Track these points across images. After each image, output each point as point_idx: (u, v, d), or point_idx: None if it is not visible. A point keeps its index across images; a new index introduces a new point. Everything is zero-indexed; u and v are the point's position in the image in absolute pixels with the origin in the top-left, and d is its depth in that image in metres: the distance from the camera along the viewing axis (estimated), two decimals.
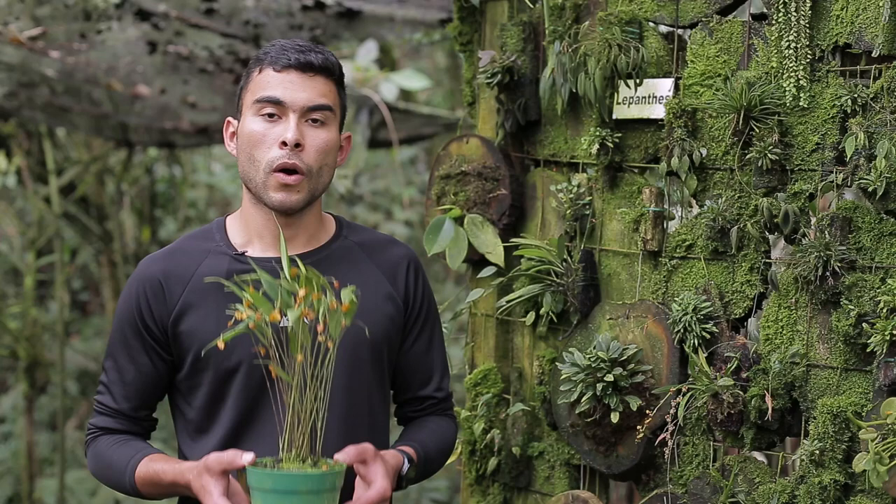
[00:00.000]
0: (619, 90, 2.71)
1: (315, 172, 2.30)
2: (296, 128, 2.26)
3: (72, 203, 7.35)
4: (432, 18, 4.65)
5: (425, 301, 2.48)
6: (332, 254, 2.36)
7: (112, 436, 2.36)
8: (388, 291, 2.40)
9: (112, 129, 5.98)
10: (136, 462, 2.29)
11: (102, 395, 2.38)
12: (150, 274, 2.35)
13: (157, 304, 2.32)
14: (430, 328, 2.49)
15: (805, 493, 2.38)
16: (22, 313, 7.19)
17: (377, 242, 2.46)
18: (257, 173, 2.29)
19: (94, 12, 4.35)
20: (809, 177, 2.48)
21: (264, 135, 2.28)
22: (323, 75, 2.30)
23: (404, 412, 2.53)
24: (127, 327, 2.35)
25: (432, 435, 2.46)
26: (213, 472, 2.12)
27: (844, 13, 2.43)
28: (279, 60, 2.28)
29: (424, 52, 8.49)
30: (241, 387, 2.30)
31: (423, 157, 8.50)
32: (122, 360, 2.36)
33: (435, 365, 2.50)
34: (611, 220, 2.78)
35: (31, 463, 6.83)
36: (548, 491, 2.89)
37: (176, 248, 2.40)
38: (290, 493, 2.04)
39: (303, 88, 2.28)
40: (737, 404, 2.48)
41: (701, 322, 2.57)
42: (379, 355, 2.38)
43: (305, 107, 2.28)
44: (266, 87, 2.28)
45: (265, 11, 4.45)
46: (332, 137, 2.32)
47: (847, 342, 2.38)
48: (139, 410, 2.37)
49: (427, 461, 2.41)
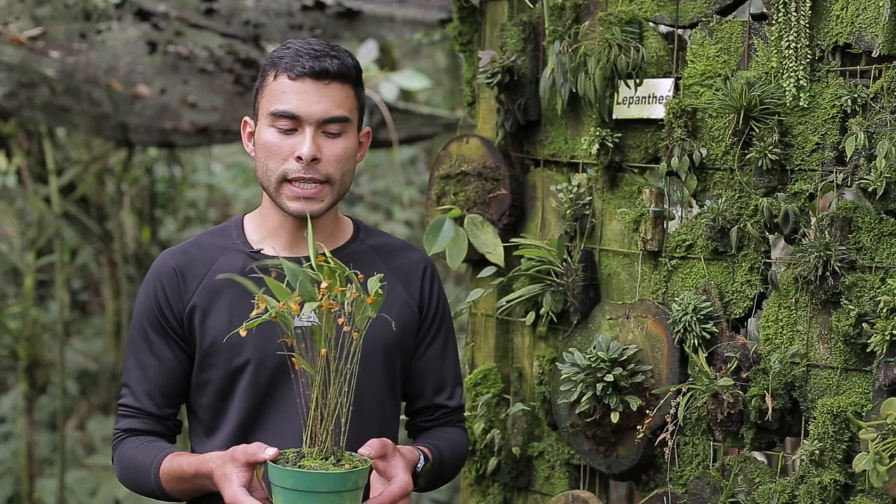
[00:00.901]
0: (619, 90, 2.71)
1: (338, 180, 2.30)
2: (312, 142, 2.25)
3: (72, 203, 7.35)
4: (432, 18, 4.65)
5: (440, 307, 2.47)
6: (348, 256, 2.36)
7: (137, 437, 2.35)
8: (403, 296, 2.40)
9: (112, 129, 5.98)
10: (160, 459, 2.28)
11: (125, 397, 2.38)
12: (167, 267, 2.35)
13: (174, 295, 2.33)
14: (444, 334, 2.48)
15: (805, 493, 2.38)
16: (22, 313, 7.19)
17: (393, 247, 2.46)
18: (270, 183, 2.30)
19: (94, 12, 4.35)
20: (809, 177, 2.48)
21: (280, 146, 2.28)
22: (339, 81, 2.28)
23: (416, 423, 2.52)
24: (146, 322, 2.35)
25: (446, 442, 2.45)
26: (238, 463, 2.10)
27: (844, 13, 2.43)
28: (294, 68, 2.26)
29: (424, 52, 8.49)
30: (248, 384, 2.30)
31: (423, 157, 8.50)
32: (143, 356, 2.35)
33: (448, 372, 2.49)
34: (611, 220, 2.78)
35: (31, 463, 6.83)
36: (548, 491, 2.89)
37: (193, 244, 2.41)
38: (310, 492, 2.01)
39: (318, 99, 2.26)
40: (737, 404, 2.48)
41: (701, 322, 2.57)
42: (391, 360, 2.37)
43: (321, 119, 2.27)
44: (281, 99, 2.27)
45: (265, 11, 4.45)
46: (350, 145, 2.31)
47: (847, 342, 2.38)
48: (163, 409, 2.37)
49: (441, 464, 2.39)
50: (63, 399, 6.81)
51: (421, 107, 6.78)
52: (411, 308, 2.41)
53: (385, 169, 8.15)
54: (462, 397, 2.53)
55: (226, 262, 2.34)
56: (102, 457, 6.97)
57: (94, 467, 6.81)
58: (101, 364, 7.75)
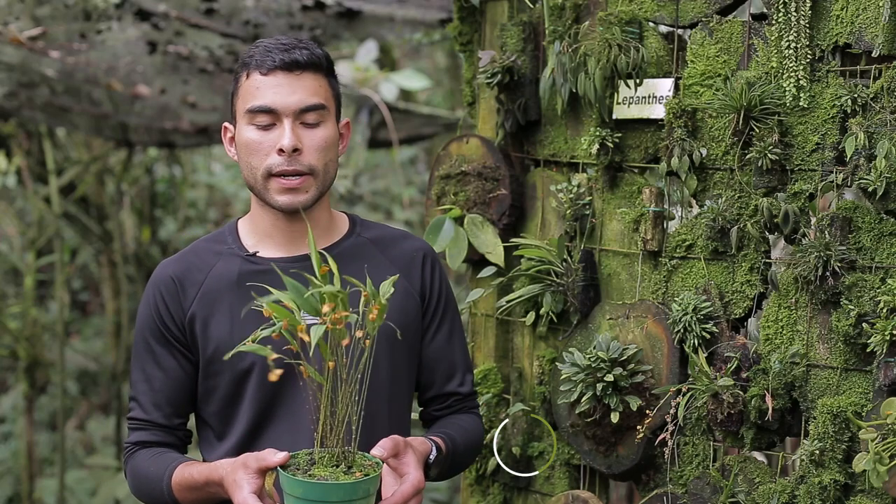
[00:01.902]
0: (619, 90, 2.71)
1: (321, 170, 2.29)
2: (291, 133, 2.25)
3: (72, 203, 7.35)
4: (432, 18, 4.65)
5: (443, 293, 2.46)
6: (344, 251, 2.36)
7: (148, 449, 2.34)
8: (404, 286, 2.39)
9: (112, 129, 5.98)
10: (171, 470, 2.27)
11: (133, 411, 2.37)
12: (165, 276, 2.36)
13: (173, 304, 2.33)
14: (449, 320, 2.47)
15: (805, 493, 2.38)
16: (22, 313, 7.19)
17: (390, 237, 2.45)
18: (257, 181, 2.29)
19: (94, 12, 4.35)
20: (809, 177, 2.48)
21: (260, 143, 2.27)
22: (311, 71, 2.28)
23: (429, 412, 2.51)
24: (149, 333, 2.35)
25: (459, 430, 2.43)
26: (249, 469, 2.09)
27: (844, 13, 2.42)
28: (264, 63, 2.26)
29: (424, 52, 8.49)
30: (256, 387, 2.28)
31: (423, 157, 8.50)
32: (148, 367, 2.35)
33: (457, 357, 2.48)
34: (611, 220, 2.78)
35: (31, 463, 6.82)
36: (548, 491, 2.89)
37: (189, 251, 2.41)
38: (321, 502, 1.98)
39: (292, 91, 2.26)
40: (737, 404, 2.48)
41: (701, 322, 2.57)
42: (397, 352, 2.36)
43: (298, 109, 2.26)
44: (256, 96, 2.26)
45: (265, 11, 4.45)
46: (329, 134, 2.31)
47: (847, 342, 2.38)
48: (171, 419, 2.36)
49: (454, 454, 2.37)
50: (63, 399, 6.81)
51: (421, 107, 6.78)
52: (413, 297, 2.40)
53: (385, 169, 8.15)
54: (472, 383, 2.52)
55: (222, 268, 2.34)
56: (102, 457, 6.97)
57: (94, 467, 6.81)
58: (101, 364, 7.75)
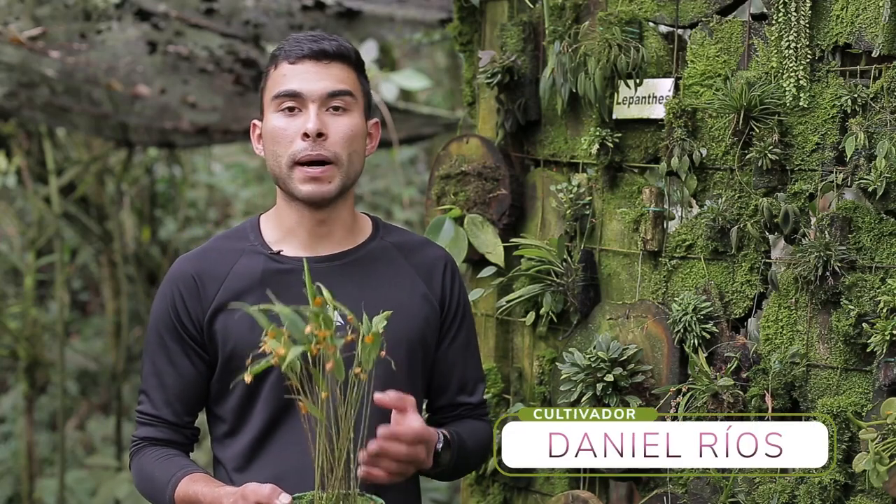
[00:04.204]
0: (619, 90, 2.71)
1: (345, 160, 2.27)
2: (316, 117, 2.23)
3: (72, 203, 7.35)
4: (432, 18, 4.65)
5: (462, 303, 2.45)
6: (369, 254, 2.35)
7: (156, 448, 2.33)
8: (424, 292, 2.38)
9: (112, 129, 5.98)
10: (177, 480, 2.25)
11: (142, 405, 2.35)
12: (185, 272, 2.32)
13: (192, 301, 2.29)
14: (466, 330, 2.46)
15: (805, 493, 2.38)
16: (22, 313, 7.19)
17: (413, 243, 2.44)
18: (281, 169, 2.27)
19: (94, 12, 4.35)
20: (809, 177, 2.48)
21: (285, 129, 2.25)
22: (339, 61, 2.27)
23: (438, 420, 2.48)
24: (163, 329, 2.32)
25: (468, 431, 2.41)
26: (248, 502, 2.07)
27: (844, 13, 2.43)
28: (293, 52, 2.26)
29: (424, 52, 8.48)
30: (272, 388, 2.26)
31: (423, 157, 8.50)
32: (160, 364, 2.32)
33: (471, 367, 2.47)
34: (611, 220, 2.78)
35: (31, 463, 6.82)
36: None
37: (209, 248, 2.37)
38: None
39: (319, 77, 2.25)
40: (737, 404, 2.48)
41: (701, 322, 2.57)
42: (414, 358, 2.34)
43: (324, 94, 2.25)
44: (283, 82, 2.26)
45: (265, 11, 4.45)
46: (356, 123, 2.29)
47: (847, 342, 2.38)
48: (181, 417, 2.34)
49: (461, 449, 2.34)
50: (63, 399, 6.81)
51: (421, 107, 6.78)
52: (432, 304, 2.39)
53: (385, 169, 8.15)
54: (483, 393, 2.51)
55: (245, 265, 2.31)
56: (102, 457, 6.97)
57: (94, 467, 6.81)
58: (101, 364, 7.75)
